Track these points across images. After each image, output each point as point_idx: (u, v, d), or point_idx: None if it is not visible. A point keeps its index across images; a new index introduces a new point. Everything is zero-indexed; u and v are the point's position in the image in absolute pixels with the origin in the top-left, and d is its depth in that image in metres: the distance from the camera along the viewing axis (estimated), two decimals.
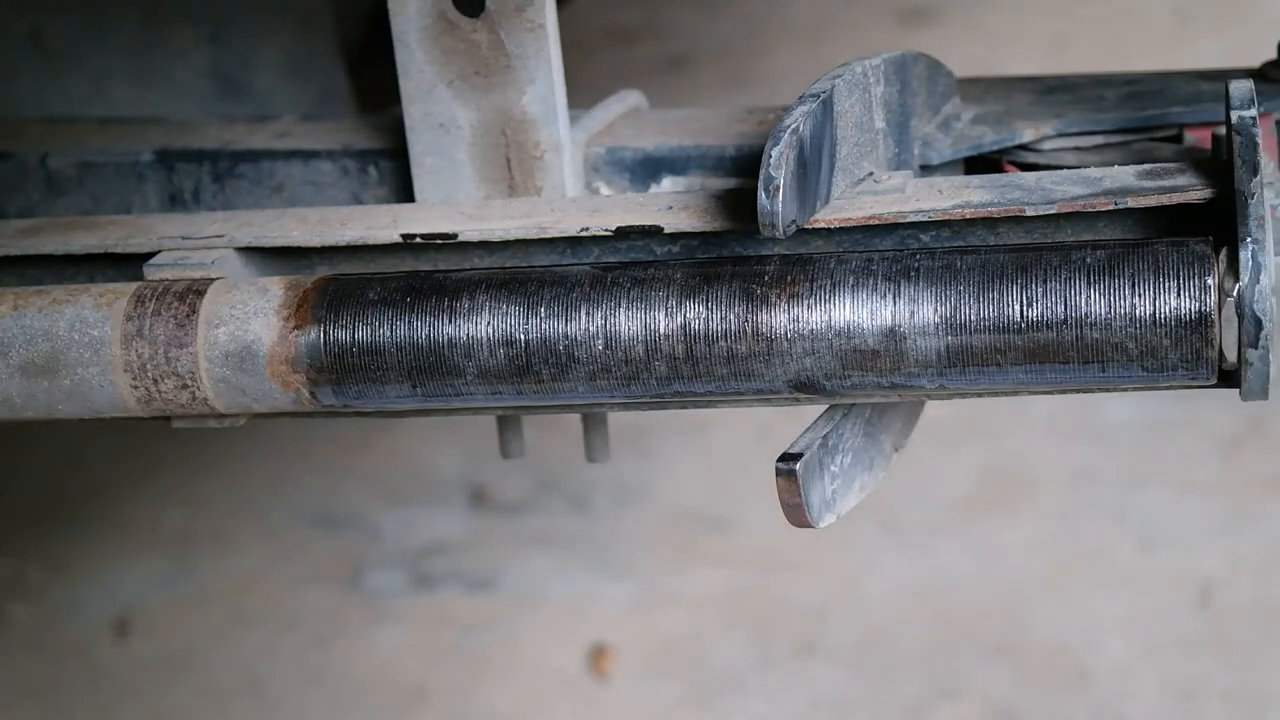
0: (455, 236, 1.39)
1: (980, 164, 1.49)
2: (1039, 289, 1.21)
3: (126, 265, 1.46)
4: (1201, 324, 1.19)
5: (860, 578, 2.92)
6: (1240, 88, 1.26)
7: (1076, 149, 1.49)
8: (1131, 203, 1.27)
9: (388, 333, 1.31)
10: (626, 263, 1.33)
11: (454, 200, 1.49)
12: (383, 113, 1.63)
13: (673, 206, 1.38)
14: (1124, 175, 1.32)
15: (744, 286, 1.26)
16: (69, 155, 1.62)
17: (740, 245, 1.35)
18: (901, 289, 1.23)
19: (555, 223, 1.38)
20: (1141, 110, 1.49)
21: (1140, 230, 1.30)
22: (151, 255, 1.41)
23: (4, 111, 1.84)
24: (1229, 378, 1.22)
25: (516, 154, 1.47)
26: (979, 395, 1.29)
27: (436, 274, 1.33)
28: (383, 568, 3.08)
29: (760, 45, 4.95)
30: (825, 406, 1.33)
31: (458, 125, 1.47)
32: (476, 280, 1.31)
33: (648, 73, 4.76)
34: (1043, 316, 1.21)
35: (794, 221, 1.25)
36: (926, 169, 1.47)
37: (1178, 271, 1.19)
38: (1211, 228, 1.25)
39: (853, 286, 1.24)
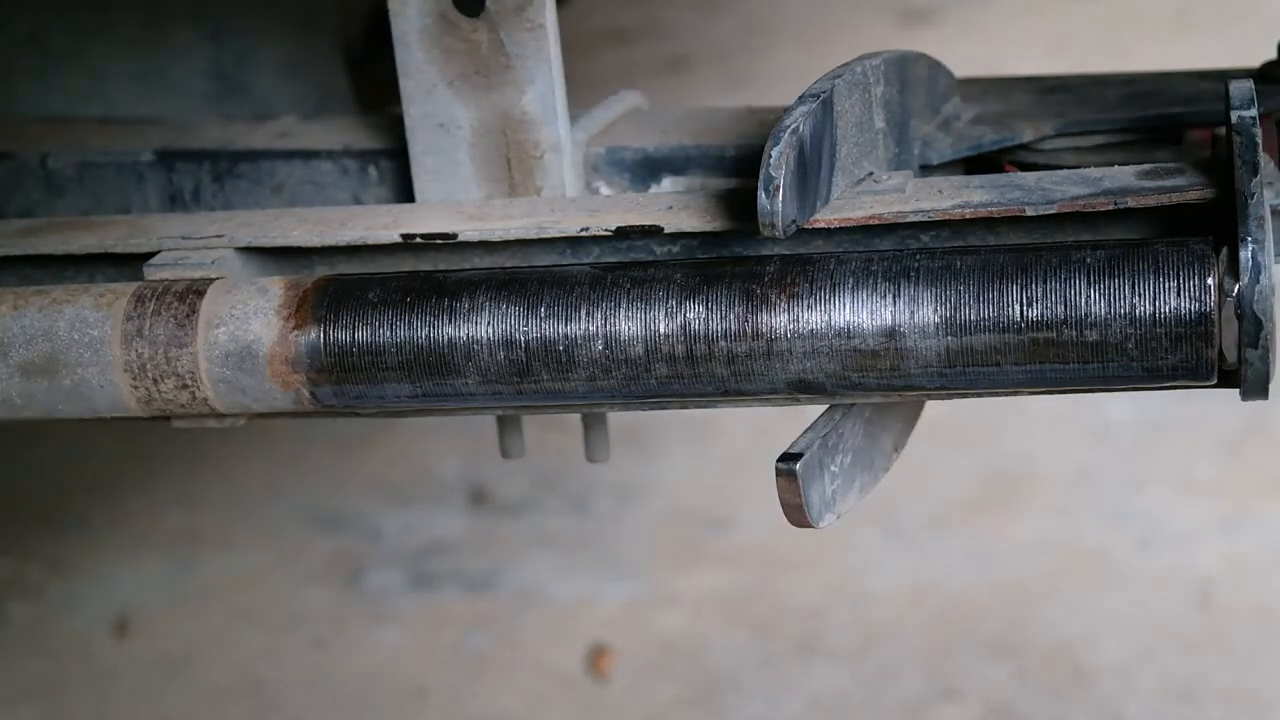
0: (455, 236, 1.39)
1: (980, 164, 1.49)
2: (1039, 289, 1.21)
3: (126, 265, 1.46)
4: (1201, 324, 1.18)
5: (860, 578, 2.92)
6: (1240, 88, 1.26)
7: (1076, 149, 1.48)
8: (1131, 203, 1.27)
9: (388, 333, 1.31)
10: (626, 263, 1.32)
11: (454, 200, 1.49)
12: (383, 113, 1.63)
13: (673, 206, 1.38)
14: (1124, 175, 1.32)
15: (744, 287, 1.26)
16: (69, 155, 1.62)
17: (740, 245, 1.35)
18: (901, 289, 1.23)
19: (555, 223, 1.38)
20: (1141, 110, 1.49)
21: (1140, 230, 1.30)
22: (151, 255, 1.41)
23: (4, 111, 1.84)
24: (1229, 378, 1.22)
25: (516, 154, 1.47)
26: (979, 395, 1.29)
27: (436, 274, 1.33)
28: (383, 568, 3.08)
29: (760, 45, 4.96)
30: (825, 406, 1.33)
31: (458, 125, 1.47)
32: (476, 280, 1.31)
33: (648, 73, 4.76)
34: (1043, 316, 1.21)
35: (794, 221, 1.25)
36: (926, 169, 1.47)
37: (1178, 271, 1.19)
38: (1211, 228, 1.25)
39: (853, 287, 1.24)
